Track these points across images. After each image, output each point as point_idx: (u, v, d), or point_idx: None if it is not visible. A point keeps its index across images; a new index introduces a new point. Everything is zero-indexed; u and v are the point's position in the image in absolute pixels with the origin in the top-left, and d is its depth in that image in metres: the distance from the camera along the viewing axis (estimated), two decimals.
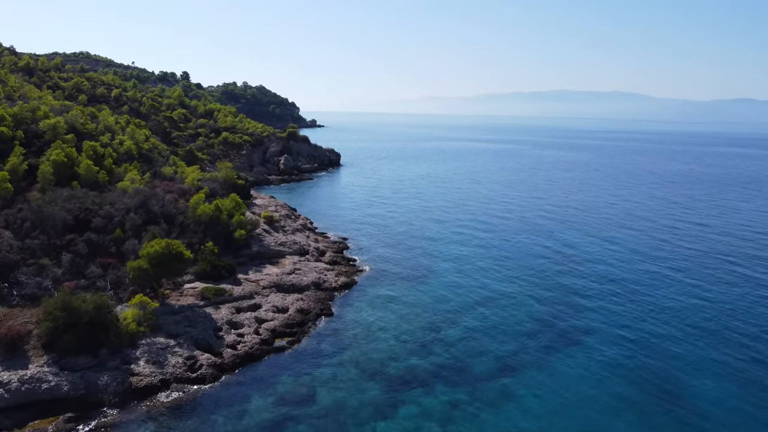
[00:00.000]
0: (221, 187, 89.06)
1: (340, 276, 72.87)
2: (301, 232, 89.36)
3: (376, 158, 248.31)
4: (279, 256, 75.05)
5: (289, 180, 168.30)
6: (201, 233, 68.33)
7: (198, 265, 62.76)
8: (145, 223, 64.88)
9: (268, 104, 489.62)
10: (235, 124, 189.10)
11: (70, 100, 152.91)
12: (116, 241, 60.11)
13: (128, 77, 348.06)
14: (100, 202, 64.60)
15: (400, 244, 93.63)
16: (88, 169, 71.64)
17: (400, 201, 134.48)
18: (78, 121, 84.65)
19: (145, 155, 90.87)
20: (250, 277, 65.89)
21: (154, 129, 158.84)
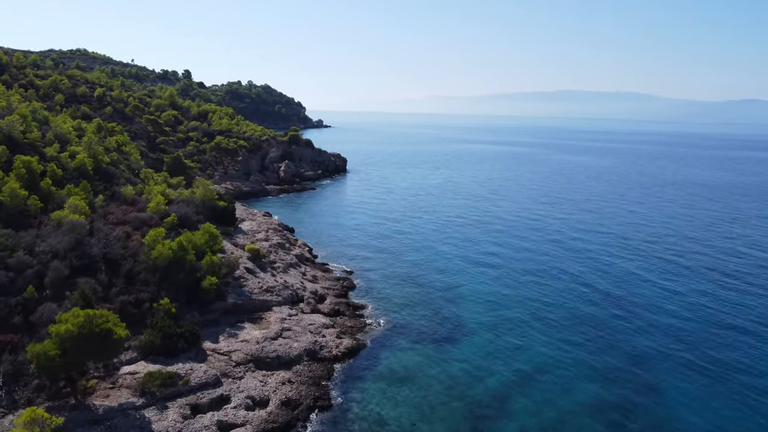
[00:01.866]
0: (197, 212, 71.43)
1: (343, 336, 55.16)
2: (296, 268, 71.58)
3: (384, 163, 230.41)
4: (263, 309, 57.34)
5: (289, 190, 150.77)
6: (156, 284, 50.71)
7: (145, 336, 45.16)
8: (76, 274, 47.32)
9: (273, 104, 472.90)
10: (231, 126, 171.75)
11: (44, 100, 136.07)
12: (25, 305, 42.57)
13: (126, 75, 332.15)
14: (13, 244, 47.04)
15: (417, 279, 75.82)
16: (13, 193, 54.21)
17: (413, 218, 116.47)
18: (15, 128, 67.30)
19: (104, 171, 73.39)
20: (219, 347, 48.21)
21: (138, 133, 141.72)
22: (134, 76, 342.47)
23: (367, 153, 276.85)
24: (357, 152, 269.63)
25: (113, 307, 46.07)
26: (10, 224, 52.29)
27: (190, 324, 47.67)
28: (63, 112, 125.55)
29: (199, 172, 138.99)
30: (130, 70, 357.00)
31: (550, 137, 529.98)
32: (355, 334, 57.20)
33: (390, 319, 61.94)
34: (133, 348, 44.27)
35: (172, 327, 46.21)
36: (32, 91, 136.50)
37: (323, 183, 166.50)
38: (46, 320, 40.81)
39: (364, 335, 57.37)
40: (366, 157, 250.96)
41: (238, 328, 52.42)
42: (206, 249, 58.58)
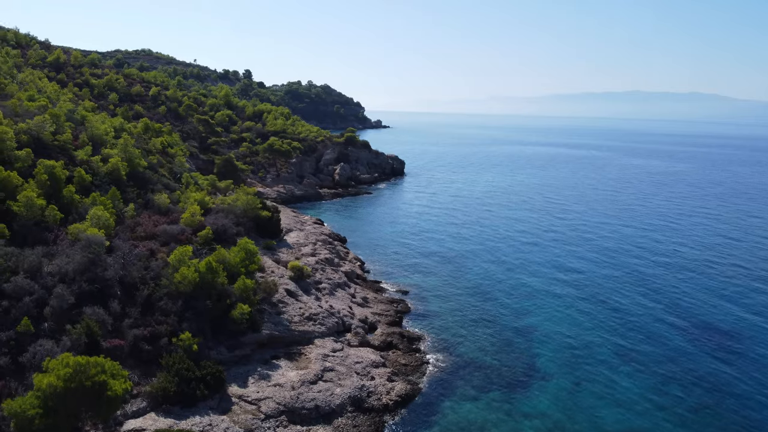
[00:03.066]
0: (236, 223, 64.25)
1: (395, 378, 46.44)
2: (345, 289, 63.40)
3: (445, 165, 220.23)
4: (303, 342, 49.30)
5: (344, 194, 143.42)
6: (177, 314, 43.35)
7: (158, 380, 37.72)
8: (84, 301, 40.38)
9: (332, 104, 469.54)
10: (285, 127, 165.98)
11: (98, 99, 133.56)
12: (18, 341, 35.75)
13: (187, 75, 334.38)
14: (14, 265, 40.51)
15: (482, 303, 66.42)
16: (29, 203, 48.08)
17: (478, 228, 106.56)
18: (45, 129, 61.78)
19: (140, 176, 67.27)
20: (248, 393, 40.35)
21: (191, 134, 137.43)
22: (195, 76, 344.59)
23: (426, 155, 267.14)
24: (416, 154, 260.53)
25: (123, 343, 38.90)
26: (22, 239, 46.15)
27: (213, 365, 39.98)
28: (115, 112, 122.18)
29: (250, 175, 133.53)
30: (192, 69, 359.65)
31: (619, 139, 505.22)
32: (409, 374, 48.42)
33: (450, 356, 52.91)
34: (143, 395, 36.89)
35: (191, 369, 38.62)
36: (86, 90, 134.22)
37: (380, 187, 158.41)
38: (39, 362, 33.84)
39: (420, 377, 48.51)
40: (426, 159, 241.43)
41: (272, 366, 44.49)
42: (241, 269, 51.02)
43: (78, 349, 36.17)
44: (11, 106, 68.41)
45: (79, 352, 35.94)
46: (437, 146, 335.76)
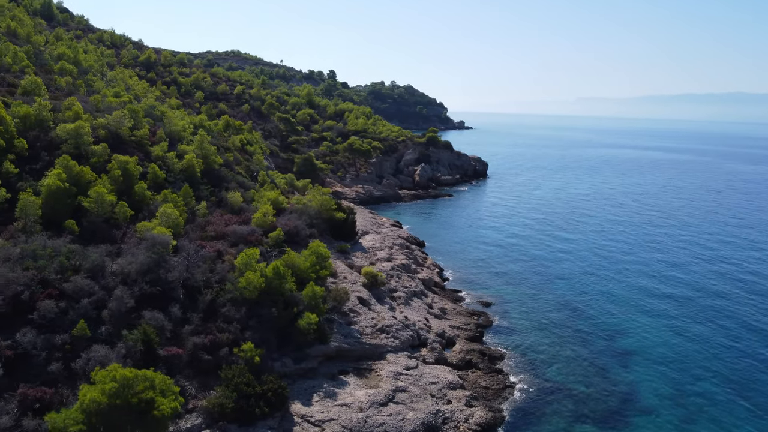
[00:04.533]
0: (309, 224, 61.32)
1: (474, 403, 41.64)
2: (421, 298, 59.09)
3: (530, 168, 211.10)
4: (374, 357, 45.37)
5: (424, 195, 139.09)
6: (241, 321, 40.47)
7: (215, 395, 34.80)
8: (144, 304, 38.14)
9: (415, 104, 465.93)
10: (367, 126, 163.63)
11: (185, 97, 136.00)
12: (74, 346, 33.74)
13: (273, 76, 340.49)
14: (77, 264, 38.82)
15: (572, 320, 60.43)
16: (99, 199, 46.80)
17: (565, 235, 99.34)
18: (123, 125, 61.12)
19: (215, 173, 65.70)
20: (311, 413, 36.81)
21: (272, 132, 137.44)
22: (281, 76, 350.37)
23: (511, 157, 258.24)
24: (500, 156, 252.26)
25: (181, 352, 36.28)
26: (91, 235, 44.82)
27: (276, 381, 36.70)
28: (200, 110, 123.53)
29: (330, 174, 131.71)
30: (278, 70, 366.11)
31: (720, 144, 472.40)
32: (490, 399, 43.47)
33: (537, 379, 47.48)
34: (199, 410, 34.04)
35: (252, 384, 35.48)
36: (173, 89, 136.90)
37: (461, 189, 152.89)
38: (91, 370, 31.52)
39: (503, 402, 43.46)
40: (510, 162, 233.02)
41: (339, 383, 40.82)
42: (311, 275, 47.74)
43: (133, 357, 33.81)
44: (93, 101, 68.65)
45: (135, 360, 33.60)
46: (522, 148, 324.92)
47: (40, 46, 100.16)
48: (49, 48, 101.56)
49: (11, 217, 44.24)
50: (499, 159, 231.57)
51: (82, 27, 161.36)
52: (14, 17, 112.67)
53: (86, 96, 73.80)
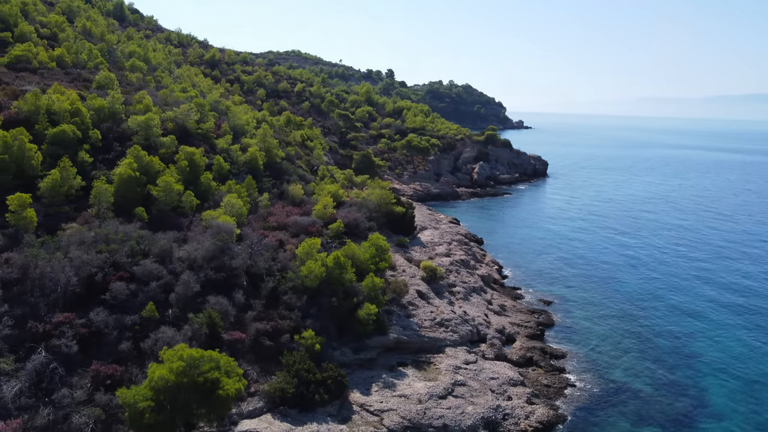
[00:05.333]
0: (369, 217, 61.48)
1: (535, 401, 40.73)
2: (480, 294, 58.32)
3: (592, 168, 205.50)
4: (433, 350, 45.00)
5: (482, 194, 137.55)
6: (302, 309, 40.86)
7: (276, 380, 35.23)
8: (209, 289, 39.02)
9: (472, 104, 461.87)
10: (425, 124, 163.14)
11: (247, 95, 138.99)
12: (143, 326, 34.82)
13: (333, 75, 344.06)
14: (146, 249, 40.07)
15: (636, 320, 58.48)
16: (167, 188, 48.25)
17: (628, 236, 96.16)
18: (190, 118, 62.86)
19: (277, 166, 66.75)
20: (370, 402, 36.81)
21: (331, 129, 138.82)
22: (340, 76, 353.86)
23: (571, 156, 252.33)
24: (560, 155, 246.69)
25: (244, 337, 36.91)
26: (159, 222, 46.20)
27: (336, 369, 36.86)
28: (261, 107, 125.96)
29: (387, 171, 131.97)
30: (337, 69, 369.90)
31: None
32: (551, 398, 42.40)
33: (599, 379, 46.02)
34: (260, 394, 34.53)
35: (312, 371, 35.75)
36: (237, 86, 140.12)
37: (520, 188, 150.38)
38: (159, 350, 32.42)
39: (565, 401, 42.29)
40: (571, 161, 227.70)
41: (397, 374, 40.67)
42: (370, 266, 47.80)
43: (199, 339, 34.62)
44: (162, 96, 70.87)
45: (200, 342, 34.38)
46: (584, 148, 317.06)
47: (112, 44, 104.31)
48: (120, 46, 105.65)
49: (86, 204, 46.11)
50: (559, 158, 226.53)
51: (151, 27, 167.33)
52: (89, 18, 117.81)
53: (155, 91, 76.29)
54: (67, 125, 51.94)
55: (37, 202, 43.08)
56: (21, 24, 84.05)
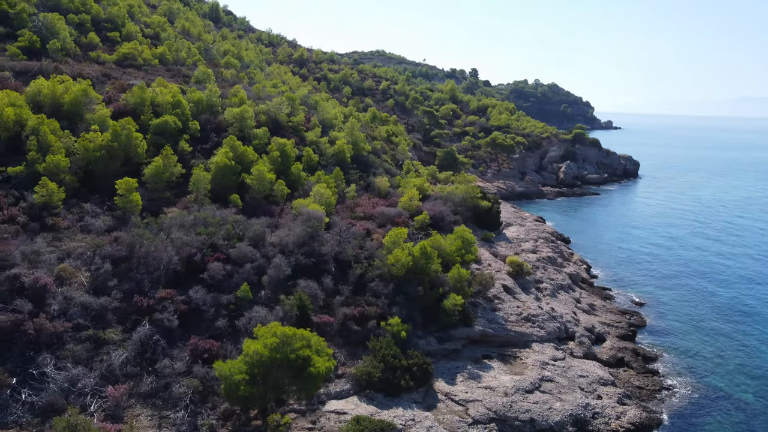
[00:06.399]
0: (454, 211, 61.17)
1: (627, 401, 39.17)
2: (568, 292, 56.75)
3: (685, 170, 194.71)
4: (519, 344, 44.19)
5: (568, 193, 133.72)
6: (388, 297, 41.20)
7: (363, 363, 35.70)
8: (299, 274, 40.08)
9: (558, 103, 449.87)
10: (510, 122, 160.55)
11: (333, 93, 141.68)
12: (237, 306, 36.21)
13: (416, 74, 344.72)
14: (241, 233, 41.62)
15: (739, 331, 54.85)
16: (260, 176, 50.00)
17: (727, 242, 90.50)
18: (281, 111, 64.82)
19: (363, 159, 67.65)
20: (454, 391, 36.62)
21: (415, 126, 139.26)
22: (423, 75, 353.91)
23: (663, 158, 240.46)
24: (651, 156, 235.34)
25: (332, 320, 37.66)
26: (252, 210, 47.97)
27: (421, 357, 36.95)
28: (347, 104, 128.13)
29: (471, 169, 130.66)
30: (420, 69, 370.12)
31: None
32: (645, 400, 40.65)
33: (698, 385, 43.63)
34: (347, 377, 35.10)
35: (398, 357, 35.99)
36: (323, 84, 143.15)
37: (608, 188, 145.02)
38: (252, 328, 33.58)
39: (659, 404, 40.41)
40: (662, 162, 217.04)
41: (482, 366, 40.22)
42: (456, 258, 47.56)
43: (289, 320, 35.60)
44: (255, 90, 73.42)
45: (290, 323, 35.21)
46: (677, 149, 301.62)
47: (208, 43, 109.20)
48: (216, 45, 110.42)
49: (185, 190, 48.57)
50: (651, 159, 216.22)
51: (243, 27, 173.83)
52: (188, 19, 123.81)
53: (248, 86, 79.17)
54: (169, 116, 54.89)
55: (142, 187, 45.87)
56: (128, 24, 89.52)
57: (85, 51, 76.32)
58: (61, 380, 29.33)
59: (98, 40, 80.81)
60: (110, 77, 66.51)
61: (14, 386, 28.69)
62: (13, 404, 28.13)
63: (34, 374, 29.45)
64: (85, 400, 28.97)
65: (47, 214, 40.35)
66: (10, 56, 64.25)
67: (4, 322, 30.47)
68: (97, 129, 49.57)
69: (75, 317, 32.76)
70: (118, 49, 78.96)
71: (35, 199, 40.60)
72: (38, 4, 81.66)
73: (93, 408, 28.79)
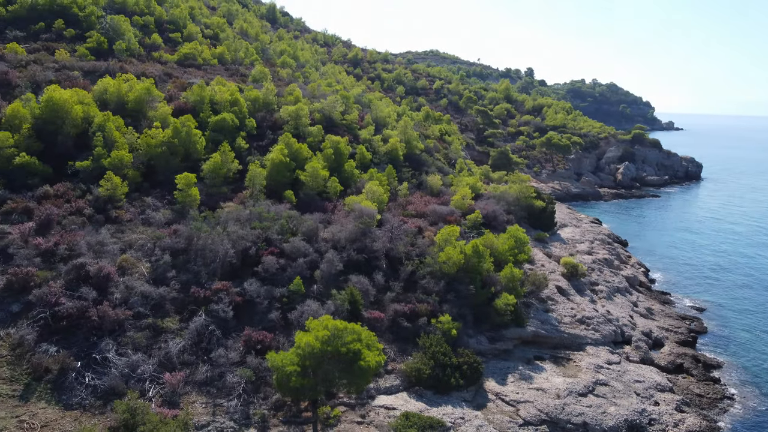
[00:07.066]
0: (507, 210, 60.41)
1: (685, 409, 37.84)
2: (625, 295, 55.22)
3: (752, 174, 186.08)
4: (573, 347, 43.28)
5: (626, 195, 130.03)
6: (439, 294, 41.05)
7: (413, 360, 35.68)
8: (351, 269, 40.40)
9: (617, 103, 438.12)
10: (566, 122, 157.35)
11: (387, 92, 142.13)
12: (290, 299, 36.77)
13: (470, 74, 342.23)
14: (295, 228, 42.25)
15: None
16: (314, 173, 50.66)
17: None
18: (335, 109, 65.44)
19: (416, 158, 67.59)
20: (505, 392, 36.16)
21: (468, 126, 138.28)
22: (477, 74, 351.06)
23: (729, 160, 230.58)
24: (716, 159, 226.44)
25: (382, 316, 37.79)
26: (305, 206, 48.62)
27: (471, 355, 36.65)
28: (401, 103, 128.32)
29: (525, 169, 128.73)
30: (475, 68, 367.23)
31: None
32: (705, 408, 39.16)
33: (762, 396, 41.70)
34: (397, 373, 35.17)
35: (448, 355, 35.82)
36: (377, 83, 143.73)
37: (669, 191, 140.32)
38: (303, 321, 34.04)
39: (720, 414, 38.87)
40: (727, 165, 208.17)
41: (534, 367, 39.58)
42: (508, 257, 46.93)
43: (340, 315, 35.90)
44: (310, 89, 74.42)
45: (341, 318, 35.50)
46: (744, 151, 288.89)
47: (265, 43, 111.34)
48: (272, 45, 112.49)
49: (241, 186, 49.68)
50: (715, 161, 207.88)
51: (299, 28, 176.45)
52: (246, 20, 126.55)
53: (304, 85, 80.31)
54: (227, 114, 56.23)
55: (200, 182, 47.15)
56: (189, 25, 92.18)
57: (149, 51, 79.08)
58: (121, 365, 30.48)
59: (161, 40, 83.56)
60: (171, 76, 68.64)
61: (79, 370, 29.96)
62: (78, 387, 29.37)
63: (97, 359, 30.69)
64: (144, 386, 30.00)
65: (111, 207, 42.02)
66: (80, 57, 67.13)
67: (71, 309, 31.86)
68: (159, 126, 51.25)
69: (135, 306, 33.98)
70: (179, 49, 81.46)
71: (100, 193, 42.32)
72: (106, 6, 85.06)
73: (151, 393, 29.78)
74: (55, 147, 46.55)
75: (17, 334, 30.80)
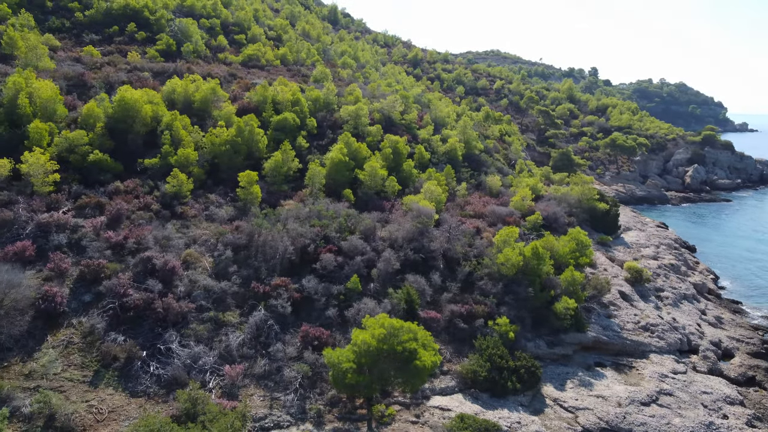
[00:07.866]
0: (569, 212, 59.04)
1: (757, 423, 36.03)
2: (692, 303, 53.02)
3: None
4: (636, 354, 41.88)
5: (695, 199, 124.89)
6: (497, 296, 40.48)
7: (469, 362, 35.34)
8: (408, 268, 40.37)
9: (686, 104, 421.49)
10: (631, 123, 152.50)
11: (447, 92, 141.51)
12: (347, 296, 37.05)
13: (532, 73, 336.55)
14: (353, 226, 42.54)
15: None
16: (372, 172, 50.90)
17: None
18: (395, 109, 65.54)
19: (475, 158, 66.92)
20: (563, 398, 35.33)
21: (529, 126, 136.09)
22: (539, 74, 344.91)
23: None
24: None
25: (439, 316, 37.58)
26: (363, 204, 48.94)
27: (529, 359, 36.01)
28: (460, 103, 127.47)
29: (587, 171, 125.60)
30: (537, 68, 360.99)
31: None
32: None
33: None
34: (453, 374, 34.90)
35: (505, 358, 35.30)
36: (437, 84, 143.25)
37: (742, 195, 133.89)
38: (360, 319, 34.23)
39: None
40: None
41: (595, 374, 38.51)
42: (569, 260, 45.84)
43: (396, 313, 35.93)
44: (370, 89, 74.84)
45: (398, 317, 35.53)
46: None
47: (327, 44, 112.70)
48: (333, 46, 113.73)
49: (301, 184, 50.43)
50: None
51: (360, 29, 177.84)
52: (308, 21, 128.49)
53: (364, 85, 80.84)
54: (288, 113, 57.22)
55: (262, 180, 48.14)
56: (253, 27, 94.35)
57: (215, 53, 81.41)
58: (184, 356, 31.43)
59: (226, 42, 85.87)
60: (236, 77, 70.40)
61: (144, 359, 31.09)
62: (143, 375, 30.47)
63: (161, 349, 31.76)
64: (205, 377, 30.86)
65: (177, 203, 43.42)
66: (150, 58, 69.76)
67: (138, 300, 33.11)
68: (223, 125, 52.62)
69: (198, 299, 35.01)
70: (243, 50, 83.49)
71: (167, 189, 43.79)
72: (175, 10, 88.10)
73: (212, 384, 30.60)
74: (125, 145, 48.45)
75: (88, 323, 32.22)
